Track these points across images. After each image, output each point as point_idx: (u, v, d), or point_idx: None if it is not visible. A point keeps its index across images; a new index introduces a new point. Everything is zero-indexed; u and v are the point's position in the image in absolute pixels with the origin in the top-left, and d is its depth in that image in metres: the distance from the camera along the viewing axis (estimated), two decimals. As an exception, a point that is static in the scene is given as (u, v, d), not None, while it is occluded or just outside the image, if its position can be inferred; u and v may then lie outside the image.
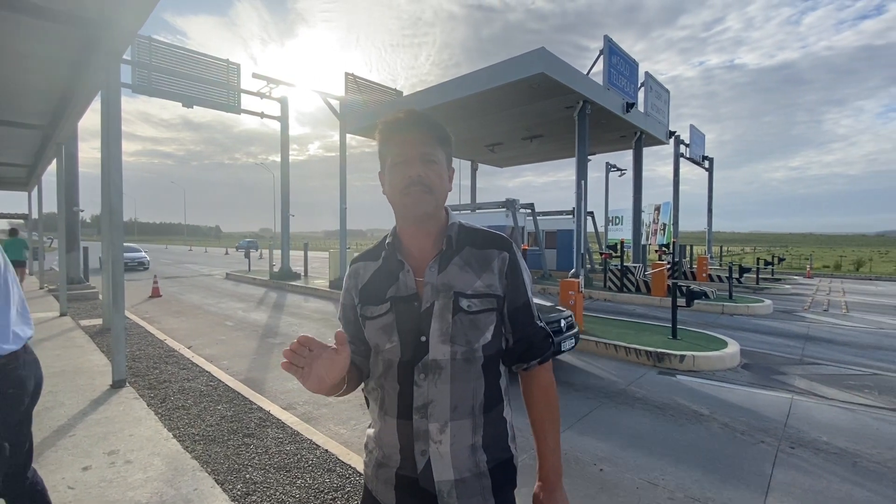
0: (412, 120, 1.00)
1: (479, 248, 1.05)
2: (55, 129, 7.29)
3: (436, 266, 1.01)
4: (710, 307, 10.33)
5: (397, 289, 1.02)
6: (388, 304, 1.02)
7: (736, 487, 2.96)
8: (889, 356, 6.37)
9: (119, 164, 4.65)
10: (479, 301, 1.00)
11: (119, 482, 2.76)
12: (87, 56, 4.61)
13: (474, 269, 1.02)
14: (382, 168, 1.05)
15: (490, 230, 1.09)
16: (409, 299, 1.01)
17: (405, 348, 0.99)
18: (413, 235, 1.05)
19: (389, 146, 1.01)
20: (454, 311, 0.98)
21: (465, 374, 0.98)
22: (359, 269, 1.11)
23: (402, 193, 0.99)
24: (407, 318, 1.00)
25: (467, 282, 1.00)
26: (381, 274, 1.06)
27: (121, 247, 4.72)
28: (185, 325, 8.38)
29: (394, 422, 1.00)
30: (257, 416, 3.84)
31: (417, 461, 0.97)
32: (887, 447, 3.54)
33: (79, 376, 4.76)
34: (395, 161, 1.00)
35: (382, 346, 1.02)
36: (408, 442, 0.98)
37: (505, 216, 16.54)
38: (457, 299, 0.98)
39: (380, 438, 1.04)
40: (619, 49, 13.92)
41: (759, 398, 4.63)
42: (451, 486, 0.96)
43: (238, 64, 14.21)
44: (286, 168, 16.77)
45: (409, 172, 0.98)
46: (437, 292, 0.99)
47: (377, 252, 1.11)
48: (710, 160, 23.06)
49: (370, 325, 1.04)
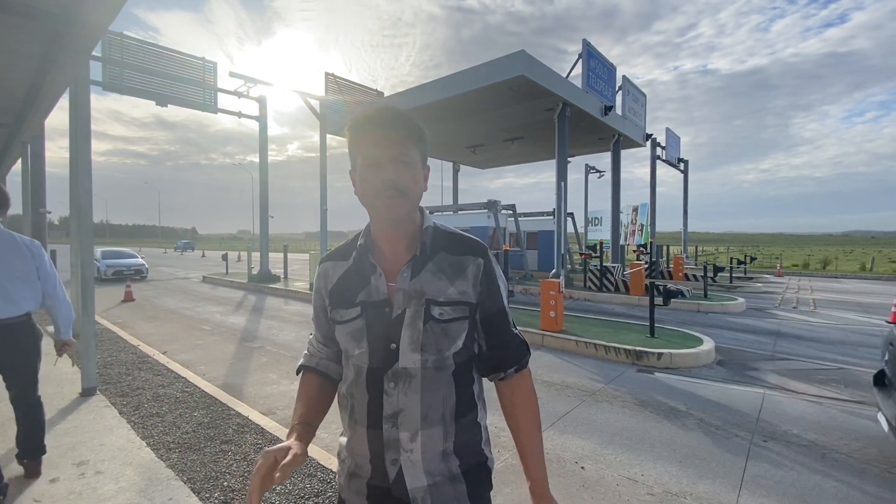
0: (385, 118, 0.95)
1: (454, 253, 1.01)
2: (20, 126, 7.01)
3: (408, 271, 0.98)
4: (687, 305, 10.58)
5: (368, 293, 0.99)
6: (359, 309, 0.99)
7: (711, 481, 3.03)
8: (854, 351, 6.64)
9: (88, 163, 4.49)
10: (451, 309, 0.97)
11: (89, 494, 2.65)
12: (54, 52, 4.45)
13: (448, 276, 0.99)
14: (353, 167, 0.99)
15: (465, 234, 1.06)
16: (379, 305, 0.98)
17: (374, 355, 0.97)
18: (386, 237, 1.02)
19: (360, 146, 0.96)
20: (425, 320, 0.95)
21: (436, 382, 0.96)
22: (328, 270, 1.07)
23: (375, 197, 0.95)
24: (377, 325, 0.97)
25: (440, 289, 0.97)
26: (351, 276, 1.03)
27: (90, 249, 4.55)
28: (160, 329, 8.14)
29: (364, 431, 0.97)
30: (235, 422, 3.76)
31: (389, 471, 0.95)
32: (853, 438, 3.69)
33: (46, 385, 4.55)
34: (367, 162, 0.95)
35: (352, 351, 1.00)
36: (378, 451, 0.96)
37: (487, 217, 16.62)
38: (428, 307, 0.96)
39: (351, 448, 1.02)
40: (598, 53, 14.16)
41: (733, 393, 4.76)
42: (424, 492, 0.94)
43: (214, 62, 13.91)
44: (265, 169, 16.49)
45: (382, 176, 0.93)
46: (409, 299, 0.97)
47: (347, 251, 1.07)
48: (686, 162, 23.67)
49: (340, 330, 1.02)
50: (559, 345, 6.87)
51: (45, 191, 10.79)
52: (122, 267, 17.83)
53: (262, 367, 5.79)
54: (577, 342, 6.66)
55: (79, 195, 4.49)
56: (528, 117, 14.30)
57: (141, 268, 18.59)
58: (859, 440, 3.65)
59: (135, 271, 18.27)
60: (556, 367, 5.85)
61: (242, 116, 15.46)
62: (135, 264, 18.51)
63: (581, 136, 16.32)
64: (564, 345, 6.81)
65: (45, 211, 10.94)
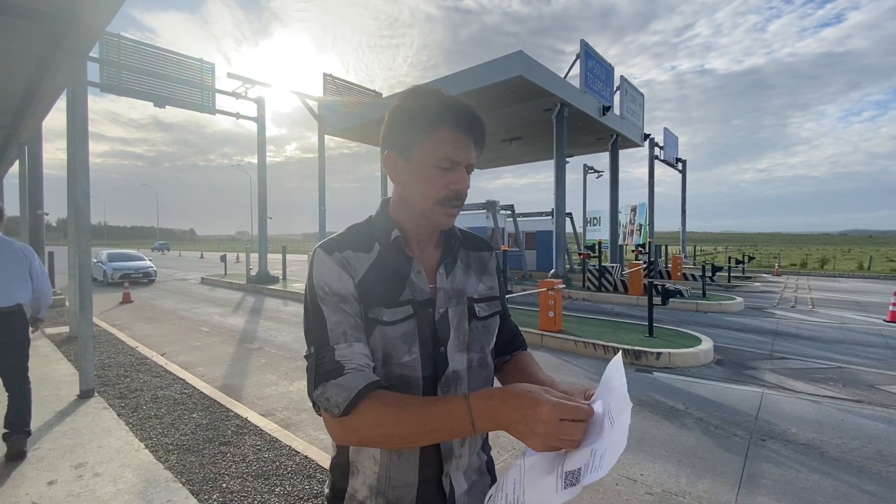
0: (474, 117, 0.85)
1: (475, 249, 1.03)
2: (17, 128, 7.00)
3: (443, 269, 0.93)
4: (685, 305, 10.60)
5: (413, 291, 0.88)
6: (410, 308, 0.86)
7: (710, 480, 3.03)
8: (852, 350, 6.65)
9: (86, 165, 4.49)
10: (487, 305, 0.98)
11: (87, 496, 2.65)
12: (51, 53, 4.44)
13: (476, 273, 0.99)
14: (405, 154, 0.86)
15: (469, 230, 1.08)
16: (425, 304, 0.88)
17: (426, 361, 0.87)
18: (415, 232, 0.93)
19: (430, 137, 0.83)
20: (470, 318, 0.93)
21: (477, 381, 0.96)
22: (350, 260, 0.86)
23: (440, 204, 0.85)
24: (425, 327, 0.87)
25: (473, 286, 0.97)
26: (381, 271, 0.87)
27: (88, 251, 4.54)
28: (159, 331, 8.13)
29: (415, 452, 0.86)
30: (234, 424, 3.75)
31: (444, 485, 0.89)
32: (852, 437, 3.69)
33: (44, 387, 4.56)
34: (439, 163, 0.83)
35: (399, 357, 0.85)
36: (433, 470, 0.87)
37: (486, 217, 16.63)
38: (471, 305, 0.94)
39: (387, 480, 0.86)
40: (596, 53, 14.19)
41: (732, 393, 4.77)
42: (465, 495, 0.93)
43: (212, 63, 13.90)
44: (263, 170, 16.47)
45: (457, 185, 0.84)
46: (450, 298, 0.92)
47: (365, 241, 0.90)
48: (684, 162, 23.72)
49: (383, 332, 0.84)
50: (558, 345, 6.88)
51: (42, 192, 10.76)
52: (129, 270, 16.73)
53: (260, 368, 5.78)
54: (576, 342, 6.67)
55: (76, 196, 4.48)
56: (526, 118, 14.32)
57: (149, 270, 17.48)
58: (858, 439, 3.66)
59: (143, 274, 17.15)
60: (555, 366, 5.86)
61: (241, 118, 15.44)
62: (142, 267, 17.36)
63: (579, 136, 16.35)
64: (563, 345, 6.81)
65: (42, 213, 10.90)
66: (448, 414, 0.71)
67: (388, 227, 0.90)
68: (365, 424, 0.74)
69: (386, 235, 0.90)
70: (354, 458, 0.88)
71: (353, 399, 0.74)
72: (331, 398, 0.75)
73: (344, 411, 0.74)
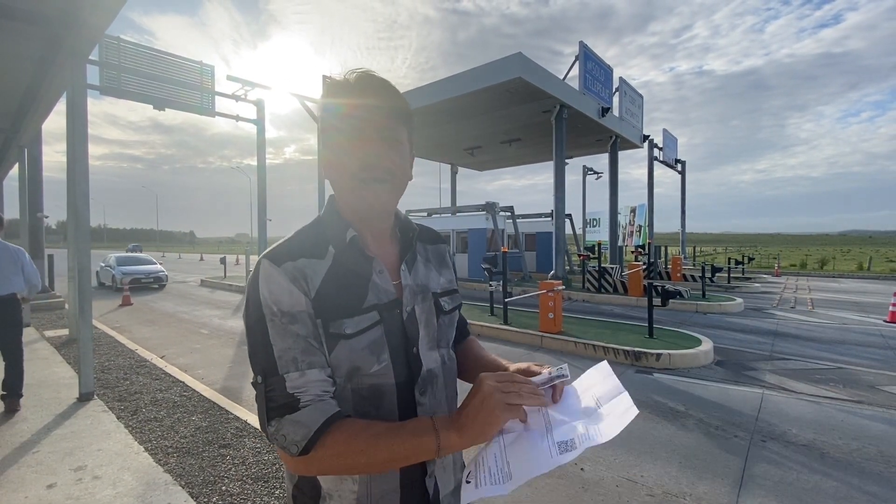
0: (370, 83, 0.79)
1: (430, 242, 0.99)
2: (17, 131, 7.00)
3: (405, 265, 0.88)
4: (685, 306, 10.59)
5: (377, 294, 0.81)
6: (375, 314, 0.79)
7: (711, 482, 3.03)
8: (852, 350, 6.65)
9: (85, 167, 4.49)
10: (450, 299, 0.95)
11: (87, 499, 2.64)
12: (51, 56, 4.45)
13: (435, 266, 0.96)
14: (323, 143, 0.83)
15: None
16: (391, 306, 0.82)
17: (399, 367, 0.81)
18: (368, 227, 0.86)
19: (336, 116, 0.79)
20: (438, 314, 0.90)
21: (451, 376, 0.94)
22: (304, 270, 0.76)
23: (356, 178, 0.78)
24: (394, 330, 0.82)
25: (435, 280, 0.94)
26: (339, 277, 0.79)
27: (87, 254, 4.54)
28: (158, 333, 8.12)
29: None
30: (234, 426, 3.74)
31: (428, 486, 0.85)
32: (852, 438, 3.69)
33: (43, 389, 4.56)
34: (344, 137, 0.78)
35: (367, 368, 0.78)
36: (414, 473, 0.83)
37: (485, 219, 16.63)
38: (437, 300, 0.91)
39: (368, 489, 0.79)
40: (595, 55, 14.21)
41: (732, 394, 4.76)
42: (450, 495, 0.91)
43: (212, 66, 13.90)
44: (263, 172, 16.44)
45: (367, 149, 0.77)
46: (415, 294, 0.87)
47: (317, 246, 0.81)
48: (683, 163, 23.75)
49: (346, 346, 0.76)
50: (558, 346, 6.87)
51: (42, 195, 10.77)
52: (139, 274, 15.69)
53: (260, 370, 5.77)
54: (576, 343, 6.66)
55: (76, 199, 4.48)
56: (525, 119, 14.34)
57: (160, 275, 16.33)
58: (858, 439, 3.65)
59: (154, 279, 16.09)
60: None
61: (240, 120, 15.44)
62: (154, 271, 16.26)
63: (578, 137, 16.37)
64: (563, 346, 6.81)
65: (42, 215, 10.91)
66: (412, 440, 0.69)
67: (342, 227, 0.83)
68: (326, 458, 0.70)
69: (340, 236, 0.82)
70: (325, 484, 0.79)
71: (313, 437, 0.69)
72: (287, 436, 0.69)
73: (303, 450, 0.69)
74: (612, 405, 0.75)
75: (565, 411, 0.78)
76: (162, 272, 16.63)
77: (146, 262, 17.15)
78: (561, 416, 0.77)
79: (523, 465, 0.70)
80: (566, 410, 0.78)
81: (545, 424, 0.75)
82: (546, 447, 0.71)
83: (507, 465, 0.71)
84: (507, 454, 0.72)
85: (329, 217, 0.85)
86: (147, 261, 17.32)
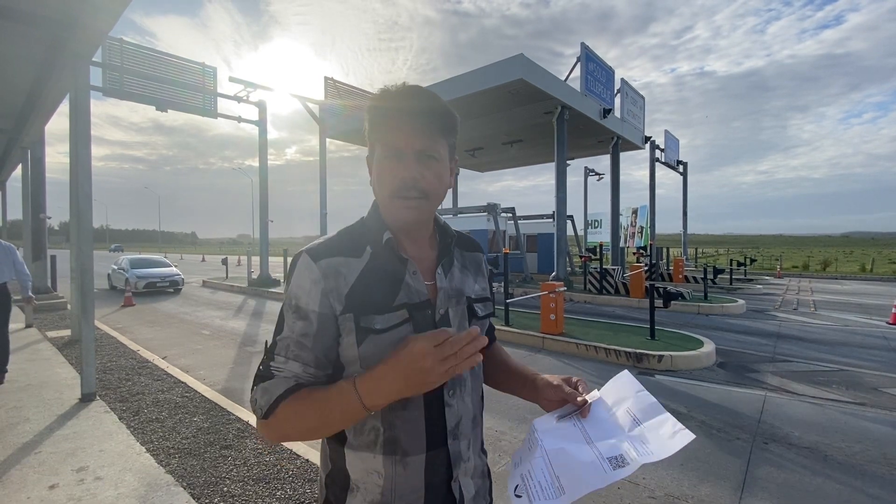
0: (413, 100, 0.82)
1: (468, 250, 1.03)
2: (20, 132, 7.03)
3: (441, 269, 0.91)
4: (687, 308, 10.57)
5: (409, 294, 0.85)
6: (404, 313, 0.83)
7: (713, 484, 3.02)
8: (855, 352, 6.63)
9: (88, 168, 4.50)
10: (483, 305, 0.98)
11: (88, 500, 2.64)
12: (54, 58, 4.47)
13: (471, 273, 0.99)
14: (370, 153, 0.88)
15: None
16: (422, 307, 0.86)
17: None
18: (406, 232, 0.91)
19: (380, 130, 0.84)
20: (470, 318, 0.93)
21: (477, 381, 0.96)
22: (339, 268, 0.83)
23: (392, 196, 0.83)
24: (424, 329, 0.84)
25: (470, 286, 0.97)
26: (373, 275, 0.84)
27: (90, 254, 4.55)
28: (160, 334, 8.13)
29: (419, 458, 0.84)
30: (236, 427, 3.75)
31: (454, 489, 0.87)
32: (855, 440, 3.67)
33: (45, 390, 4.57)
34: (386, 153, 0.83)
35: None
36: (440, 475, 0.85)
37: (487, 220, 16.63)
38: (470, 305, 0.94)
39: (392, 492, 0.83)
40: (596, 56, 14.22)
41: (735, 395, 4.75)
42: (471, 499, 0.92)
43: (214, 67, 13.96)
44: (265, 173, 16.51)
45: (403, 174, 0.81)
46: (449, 298, 0.90)
47: (355, 246, 0.87)
48: (685, 164, 23.71)
49: (374, 340, 0.81)
50: (560, 348, 6.86)
51: (45, 196, 10.81)
52: (155, 278, 14.77)
53: (262, 371, 5.77)
54: (578, 345, 6.65)
55: (78, 200, 4.49)
56: (527, 120, 14.35)
57: (176, 279, 15.34)
58: (861, 442, 3.64)
59: (169, 283, 15.12)
60: (557, 370, 5.84)
61: (242, 121, 15.50)
62: (169, 274, 15.22)
63: (580, 138, 16.36)
64: (565, 348, 6.80)
65: (45, 216, 10.95)
66: (339, 400, 0.75)
67: (380, 229, 0.88)
68: (280, 424, 0.78)
69: (377, 238, 0.87)
70: (354, 475, 0.85)
71: (273, 403, 0.78)
72: (258, 400, 0.80)
73: (264, 415, 0.79)
74: (654, 423, 0.77)
75: (601, 425, 0.79)
76: (178, 275, 15.64)
77: (161, 264, 15.98)
78: (598, 429, 0.78)
79: (575, 479, 0.70)
80: (602, 424, 0.79)
81: (584, 438, 0.76)
82: (596, 461, 0.71)
83: (556, 479, 0.72)
84: (554, 468, 0.72)
85: (371, 219, 0.91)
86: (162, 263, 16.19)
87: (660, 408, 0.80)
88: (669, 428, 0.74)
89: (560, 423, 0.83)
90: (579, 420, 0.82)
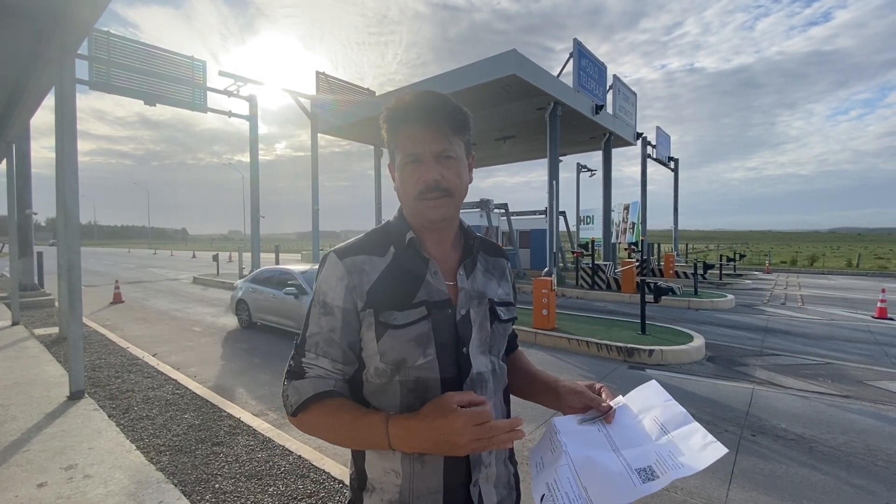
0: (424, 108, 0.84)
1: (492, 255, 1.03)
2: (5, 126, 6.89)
3: (463, 270, 0.93)
4: (677, 303, 10.68)
5: (429, 292, 0.87)
6: (423, 310, 0.85)
7: (702, 475, 3.06)
8: (841, 346, 6.75)
9: (74, 163, 4.43)
10: (506, 309, 0.98)
11: (78, 498, 2.62)
12: (40, 49, 4.37)
13: (495, 277, 1.00)
14: (392, 160, 0.92)
15: None
16: (442, 305, 0.87)
17: (445, 363, 0.86)
18: (429, 233, 0.93)
19: (398, 140, 0.87)
20: (492, 320, 0.93)
21: (500, 384, 0.95)
22: (362, 265, 0.87)
23: (417, 199, 0.86)
24: (444, 328, 0.86)
25: (493, 289, 0.97)
26: (395, 273, 0.87)
27: (77, 251, 4.49)
28: (150, 331, 8.05)
29: (439, 458, 0.83)
30: (227, 424, 3.73)
31: (473, 494, 0.86)
32: (840, 432, 3.75)
33: (33, 388, 4.51)
34: (407, 159, 0.86)
35: (412, 361, 0.84)
36: (459, 478, 0.85)
37: (479, 216, 16.64)
38: (493, 307, 0.94)
39: (410, 492, 0.84)
40: (588, 52, 14.22)
41: (723, 389, 4.82)
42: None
43: (203, 61, 13.75)
44: (255, 168, 16.34)
45: (425, 176, 0.84)
46: (471, 299, 0.91)
47: (380, 245, 0.91)
48: (676, 161, 23.87)
49: (394, 336, 0.84)
50: (552, 343, 6.91)
51: (31, 191, 10.62)
52: None
53: (253, 367, 5.75)
54: (570, 340, 6.70)
55: (65, 195, 4.42)
56: (519, 116, 14.33)
57: None
58: (846, 434, 3.71)
59: None
60: (549, 364, 5.88)
61: (232, 116, 15.30)
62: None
63: (572, 134, 16.39)
64: (557, 343, 6.84)
65: (31, 212, 10.76)
66: (369, 431, 0.79)
67: (403, 230, 0.91)
68: (307, 426, 0.85)
69: (401, 238, 0.91)
70: (371, 475, 0.87)
71: (302, 404, 0.83)
72: (289, 397, 0.85)
73: (293, 413, 0.85)
74: (683, 433, 0.74)
75: (627, 432, 0.78)
76: None
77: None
78: (624, 436, 0.76)
79: (603, 491, 0.69)
80: (628, 431, 0.78)
81: (610, 445, 0.75)
82: (624, 473, 0.70)
83: (584, 490, 0.70)
84: (581, 478, 0.71)
85: (396, 221, 0.95)
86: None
87: (689, 418, 0.77)
88: (700, 439, 0.72)
89: (583, 426, 0.82)
90: (604, 425, 0.81)
